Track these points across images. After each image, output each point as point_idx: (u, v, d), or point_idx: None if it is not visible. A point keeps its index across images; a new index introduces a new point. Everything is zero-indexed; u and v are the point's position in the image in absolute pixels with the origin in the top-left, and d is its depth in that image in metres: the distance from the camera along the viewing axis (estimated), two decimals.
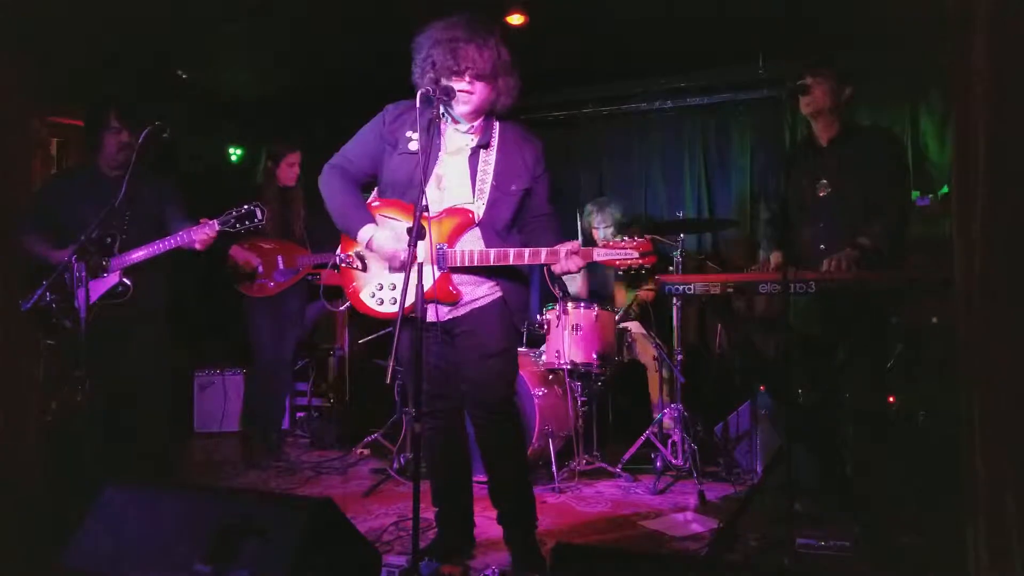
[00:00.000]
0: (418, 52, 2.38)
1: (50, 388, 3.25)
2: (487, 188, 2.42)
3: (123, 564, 1.99)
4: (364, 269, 2.51)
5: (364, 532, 2.44)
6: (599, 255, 2.28)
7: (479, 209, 2.41)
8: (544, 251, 2.31)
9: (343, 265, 2.56)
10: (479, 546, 2.75)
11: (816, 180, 3.11)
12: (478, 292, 2.46)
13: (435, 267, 2.38)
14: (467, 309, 2.46)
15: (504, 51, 2.37)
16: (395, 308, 2.36)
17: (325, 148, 6.05)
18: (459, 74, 2.30)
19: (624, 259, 2.27)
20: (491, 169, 2.43)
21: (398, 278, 2.37)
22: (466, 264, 2.37)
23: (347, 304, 2.60)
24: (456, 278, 2.42)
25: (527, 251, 2.33)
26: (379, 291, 2.46)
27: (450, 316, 2.46)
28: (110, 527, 2.09)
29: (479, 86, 2.34)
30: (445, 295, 2.38)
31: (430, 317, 2.34)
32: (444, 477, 2.66)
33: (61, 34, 3.58)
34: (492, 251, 2.35)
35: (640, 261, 2.26)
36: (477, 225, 2.41)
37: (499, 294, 2.47)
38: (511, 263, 2.34)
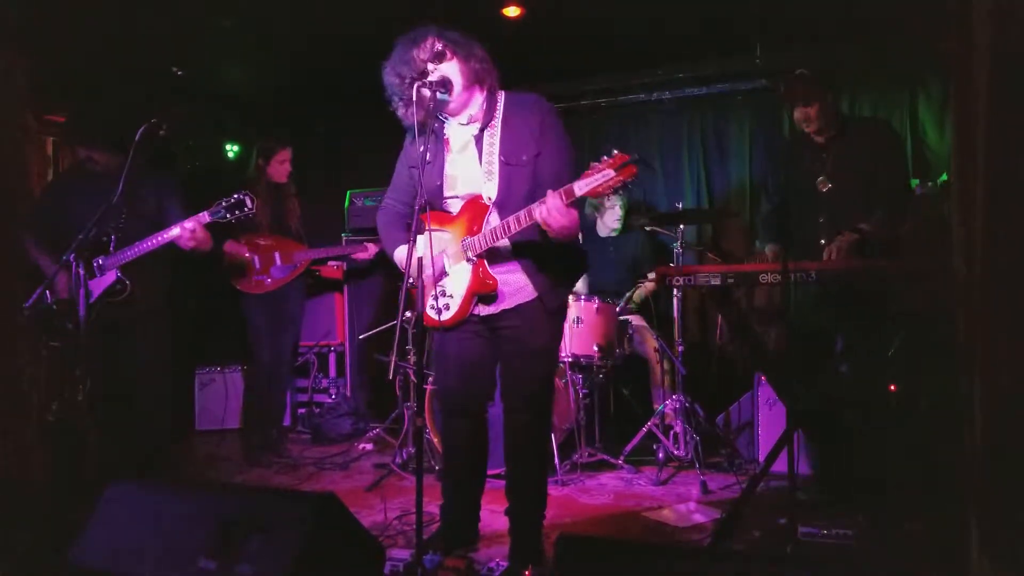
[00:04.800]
0: (391, 87, 2.40)
1: (52, 388, 3.24)
2: (495, 167, 2.40)
3: (128, 561, 1.99)
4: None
5: (367, 527, 2.44)
6: (580, 188, 2.12)
7: (490, 190, 2.39)
8: (532, 207, 2.20)
9: (411, 288, 2.60)
10: (483, 539, 2.76)
11: (816, 176, 3.12)
12: (522, 290, 2.45)
13: (465, 262, 2.41)
14: (513, 304, 2.46)
15: (451, 32, 2.39)
16: (450, 314, 2.44)
17: (325, 145, 6.05)
18: (422, 72, 2.32)
19: (605, 182, 2.08)
20: (496, 147, 2.40)
21: (449, 286, 2.44)
22: (487, 246, 2.36)
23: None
24: (495, 274, 2.42)
25: (522, 213, 2.25)
26: (436, 301, 2.47)
27: (498, 310, 2.46)
28: (114, 525, 2.09)
29: (446, 66, 2.35)
30: (482, 286, 2.40)
31: (475, 311, 2.45)
32: (461, 474, 2.66)
33: (57, 31, 3.57)
34: (498, 225, 2.32)
35: (620, 177, 2.08)
36: (494, 206, 2.39)
37: (532, 289, 2.44)
38: (514, 232, 2.29)
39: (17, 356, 2.48)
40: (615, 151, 2.08)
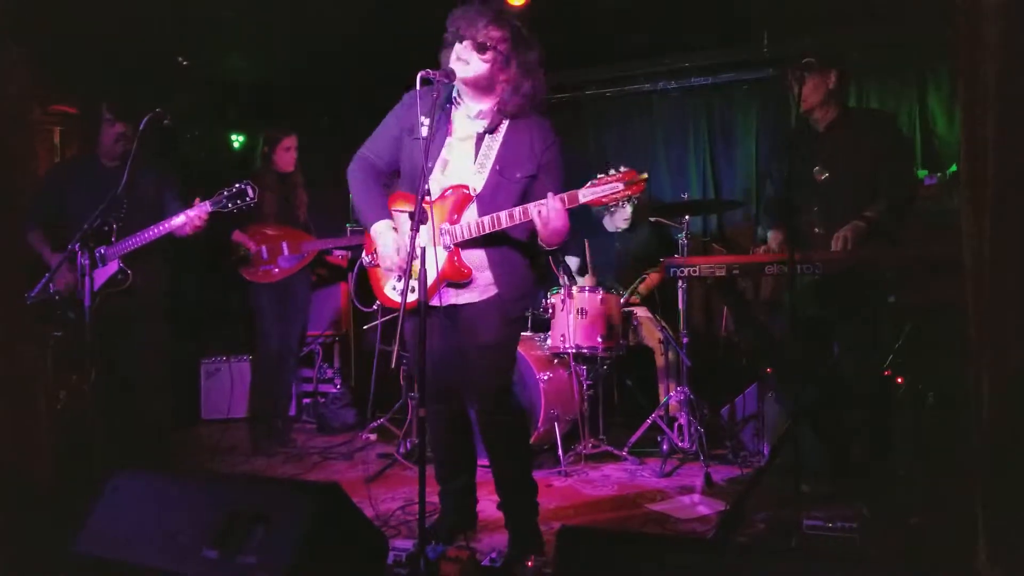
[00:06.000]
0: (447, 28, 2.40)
1: (59, 378, 3.26)
2: (487, 167, 2.40)
3: (131, 550, 2.00)
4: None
5: (371, 517, 2.45)
6: (584, 196, 2.17)
7: (477, 183, 2.39)
8: (529, 206, 2.24)
9: (369, 266, 2.60)
10: (484, 529, 2.76)
11: (813, 166, 3.09)
12: (487, 289, 2.45)
13: (442, 248, 2.39)
14: (466, 300, 2.45)
15: (525, 46, 2.36)
16: (414, 297, 2.40)
17: (329, 133, 6.04)
18: (462, 40, 2.33)
19: (611, 194, 2.14)
20: (494, 152, 2.41)
21: (414, 268, 2.40)
22: (468, 236, 2.36)
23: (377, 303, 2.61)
24: (464, 259, 2.41)
25: (516, 209, 2.28)
26: (399, 283, 2.45)
27: (452, 302, 2.46)
28: (119, 514, 2.10)
29: (476, 58, 2.32)
30: (456, 274, 2.39)
31: (434, 302, 2.39)
32: (445, 459, 2.69)
33: (63, 22, 3.56)
34: (486, 218, 2.33)
35: (627, 192, 2.13)
36: (475, 199, 2.38)
37: (495, 291, 2.44)
38: (504, 227, 2.31)
39: (24, 346, 2.48)
40: (622, 167, 2.14)
